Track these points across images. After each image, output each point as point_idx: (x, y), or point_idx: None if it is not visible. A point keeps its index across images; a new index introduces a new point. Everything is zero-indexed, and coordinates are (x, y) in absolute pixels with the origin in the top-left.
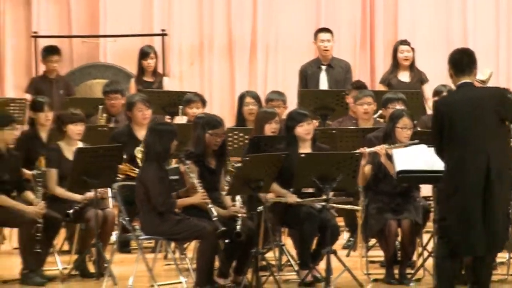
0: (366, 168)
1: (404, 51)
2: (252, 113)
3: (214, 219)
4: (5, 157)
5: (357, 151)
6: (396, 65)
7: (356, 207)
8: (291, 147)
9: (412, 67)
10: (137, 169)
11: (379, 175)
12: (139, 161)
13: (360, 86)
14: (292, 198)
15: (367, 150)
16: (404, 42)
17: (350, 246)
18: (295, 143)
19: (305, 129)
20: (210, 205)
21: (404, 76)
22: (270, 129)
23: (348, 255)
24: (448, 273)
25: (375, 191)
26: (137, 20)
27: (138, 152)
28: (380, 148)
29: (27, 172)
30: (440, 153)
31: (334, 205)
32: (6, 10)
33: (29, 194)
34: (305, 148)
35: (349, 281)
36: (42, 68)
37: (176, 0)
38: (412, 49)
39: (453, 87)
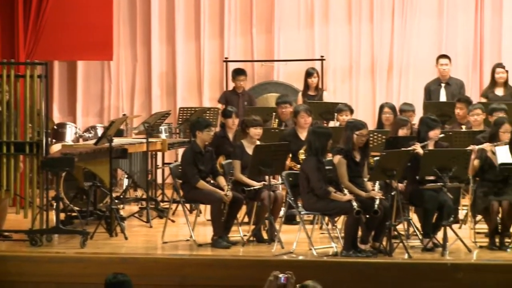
0: (475, 162)
1: (500, 72)
2: (388, 119)
3: (354, 204)
4: (203, 152)
5: (468, 148)
6: (493, 82)
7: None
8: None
9: (506, 84)
10: (298, 165)
11: (485, 167)
12: (300, 159)
13: (463, 100)
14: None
15: (476, 147)
16: (500, 65)
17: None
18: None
19: (435, 133)
20: (351, 199)
21: (499, 91)
22: (403, 132)
23: (460, 227)
24: None
25: (482, 179)
26: (302, 48)
27: (301, 154)
28: (487, 146)
29: (219, 162)
30: None
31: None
32: (205, 42)
33: (221, 179)
34: (430, 146)
35: (460, 247)
36: (231, 85)
37: (331, 33)
38: (507, 71)
39: None
